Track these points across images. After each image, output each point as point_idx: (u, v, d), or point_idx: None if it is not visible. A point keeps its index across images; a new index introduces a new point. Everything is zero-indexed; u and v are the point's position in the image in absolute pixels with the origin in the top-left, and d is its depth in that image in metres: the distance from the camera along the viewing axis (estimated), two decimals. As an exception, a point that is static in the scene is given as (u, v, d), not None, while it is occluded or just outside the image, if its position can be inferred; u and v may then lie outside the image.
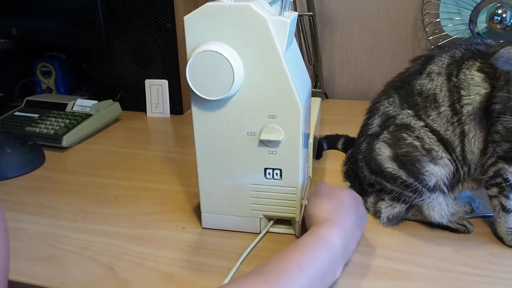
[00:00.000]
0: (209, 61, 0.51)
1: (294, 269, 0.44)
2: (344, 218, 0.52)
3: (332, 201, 0.55)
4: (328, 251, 0.47)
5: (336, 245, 0.48)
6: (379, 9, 1.15)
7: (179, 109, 1.11)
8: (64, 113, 0.99)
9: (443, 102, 0.60)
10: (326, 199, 0.55)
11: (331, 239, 0.48)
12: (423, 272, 0.55)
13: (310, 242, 0.48)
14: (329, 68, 1.24)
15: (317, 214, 0.53)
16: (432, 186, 0.60)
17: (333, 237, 0.49)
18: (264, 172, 0.58)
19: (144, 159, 0.87)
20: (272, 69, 0.52)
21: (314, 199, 0.56)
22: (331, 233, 0.49)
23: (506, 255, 0.57)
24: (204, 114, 0.56)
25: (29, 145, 0.86)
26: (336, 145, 0.89)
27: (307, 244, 0.48)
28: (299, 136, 0.55)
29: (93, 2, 0.95)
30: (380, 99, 0.68)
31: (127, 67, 1.10)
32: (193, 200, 0.71)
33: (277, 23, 0.51)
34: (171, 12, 1.02)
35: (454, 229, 0.62)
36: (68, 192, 0.75)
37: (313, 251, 0.47)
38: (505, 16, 0.93)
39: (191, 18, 0.52)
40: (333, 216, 0.52)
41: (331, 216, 0.52)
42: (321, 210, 0.53)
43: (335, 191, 0.57)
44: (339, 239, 0.49)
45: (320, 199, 0.55)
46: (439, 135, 0.60)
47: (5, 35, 1.15)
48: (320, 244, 0.48)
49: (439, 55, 0.62)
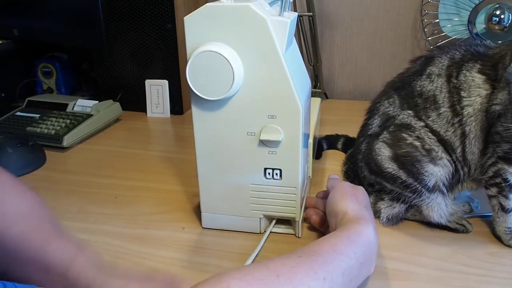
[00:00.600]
0: (209, 62, 0.51)
1: (329, 252, 0.43)
2: (372, 216, 0.53)
3: (358, 199, 0.55)
4: (364, 245, 0.47)
5: (372, 241, 0.48)
6: (379, 9, 1.16)
7: (179, 109, 1.11)
8: (65, 113, 0.99)
9: (443, 103, 0.60)
10: (353, 198, 0.55)
11: (368, 235, 0.48)
12: (422, 271, 0.55)
13: (345, 234, 0.48)
14: (329, 68, 1.24)
15: (348, 212, 0.52)
16: (431, 186, 0.60)
17: (368, 233, 0.48)
18: (264, 172, 0.58)
19: (144, 159, 0.87)
20: (272, 69, 0.52)
21: (340, 197, 0.55)
22: (366, 228, 0.49)
23: (504, 255, 0.58)
24: (204, 114, 0.56)
25: (30, 145, 0.86)
26: (336, 145, 0.89)
27: (343, 235, 0.47)
28: (299, 136, 0.55)
29: (93, 3, 0.96)
30: (380, 99, 0.68)
31: (127, 67, 1.10)
32: (193, 200, 0.71)
33: (277, 24, 0.51)
34: (171, 13, 1.02)
35: (453, 228, 0.62)
36: (69, 192, 0.75)
37: (350, 242, 0.46)
38: (503, 17, 0.93)
39: (191, 19, 0.52)
40: (365, 214, 0.52)
41: (363, 214, 0.51)
42: (352, 209, 0.52)
43: (358, 190, 0.57)
44: (374, 235, 0.49)
45: (348, 197, 0.55)
46: (439, 136, 0.60)
47: (6, 35, 1.15)
48: (356, 238, 0.47)
49: (439, 56, 0.63)
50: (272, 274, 0.38)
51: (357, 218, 0.50)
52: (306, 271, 0.40)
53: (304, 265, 0.41)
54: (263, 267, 0.40)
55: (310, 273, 0.40)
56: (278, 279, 0.38)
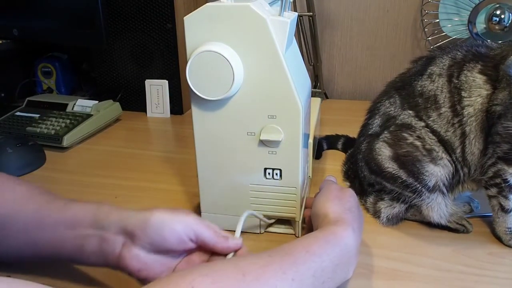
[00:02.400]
0: (209, 61, 0.51)
1: (301, 252, 0.43)
2: (356, 220, 0.51)
3: (342, 201, 0.53)
4: (340, 247, 0.46)
5: (349, 244, 0.47)
6: (379, 9, 1.16)
7: (179, 109, 1.11)
8: (65, 113, 0.99)
9: (444, 103, 0.60)
10: (336, 200, 0.53)
11: (345, 237, 0.47)
12: (422, 271, 0.55)
13: (321, 235, 0.47)
14: (329, 68, 1.24)
15: (329, 215, 0.51)
16: (431, 186, 0.60)
17: (346, 235, 0.47)
18: (264, 172, 0.58)
19: (144, 159, 0.87)
20: (272, 69, 0.52)
21: (324, 199, 0.54)
22: (344, 231, 0.47)
23: (504, 255, 0.58)
24: (204, 114, 0.56)
25: (30, 145, 0.86)
26: (336, 145, 0.89)
27: (319, 236, 0.46)
28: (299, 136, 0.55)
29: (93, 2, 0.96)
30: (381, 99, 0.68)
31: (127, 67, 1.10)
32: (193, 200, 0.71)
33: (277, 24, 0.51)
34: (171, 12, 1.02)
35: (453, 229, 0.62)
36: (69, 192, 0.75)
37: (324, 243, 0.45)
38: (503, 17, 0.93)
39: (191, 19, 0.52)
40: (347, 217, 0.50)
41: (344, 217, 0.50)
42: (333, 211, 0.51)
43: (344, 192, 0.56)
44: (352, 239, 0.47)
45: (331, 200, 0.54)
46: (440, 136, 0.60)
47: (6, 35, 1.15)
48: (332, 239, 0.46)
49: (440, 56, 0.63)
50: (239, 272, 0.38)
51: (336, 220, 0.49)
52: (275, 271, 0.39)
53: (274, 265, 0.40)
54: (231, 265, 0.39)
55: (278, 273, 0.39)
56: (244, 278, 0.37)
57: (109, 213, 0.46)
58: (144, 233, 0.44)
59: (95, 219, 0.46)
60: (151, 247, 0.45)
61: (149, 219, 0.44)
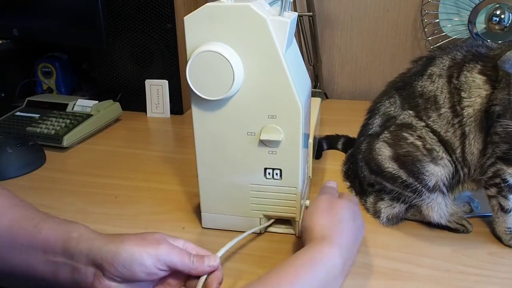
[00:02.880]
0: (209, 61, 0.51)
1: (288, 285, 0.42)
2: (343, 235, 0.49)
3: (331, 215, 0.51)
4: (326, 268, 0.45)
5: (335, 263, 0.46)
6: (379, 9, 1.16)
7: (179, 109, 1.11)
8: (65, 113, 0.99)
9: (444, 104, 0.60)
10: (325, 213, 0.52)
11: (330, 258, 0.46)
12: (422, 271, 0.55)
13: (306, 260, 0.45)
14: (329, 68, 1.24)
15: (315, 229, 0.50)
16: (431, 186, 0.60)
17: (332, 255, 0.46)
18: (264, 172, 0.58)
19: (144, 159, 0.87)
20: (272, 69, 0.52)
21: (312, 212, 0.53)
22: (330, 251, 0.46)
23: (504, 255, 0.58)
24: (204, 114, 0.56)
25: (30, 145, 0.86)
26: (336, 145, 0.89)
27: (304, 262, 0.45)
28: (299, 136, 0.55)
29: (93, 2, 0.96)
30: (381, 99, 0.68)
31: (127, 67, 1.10)
32: (193, 200, 0.71)
33: (277, 24, 0.51)
34: (171, 12, 1.02)
35: (453, 229, 0.62)
36: (69, 192, 0.75)
37: (311, 269, 0.44)
38: (503, 17, 0.93)
39: (191, 19, 0.52)
40: (332, 233, 0.49)
41: (329, 233, 0.49)
42: (319, 225, 0.50)
43: (334, 204, 0.53)
44: (338, 257, 0.46)
45: (319, 213, 0.52)
46: (440, 136, 0.60)
47: (6, 35, 1.15)
48: (318, 262, 0.45)
49: (440, 56, 0.63)
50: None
51: (322, 237, 0.48)
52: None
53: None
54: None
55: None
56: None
57: (79, 241, 0.45)
58: (113, 268, 0.43)
59: (66, 247, 0.45)
60: (122, 279, 0.44)
61: (118, 253, 0.43)
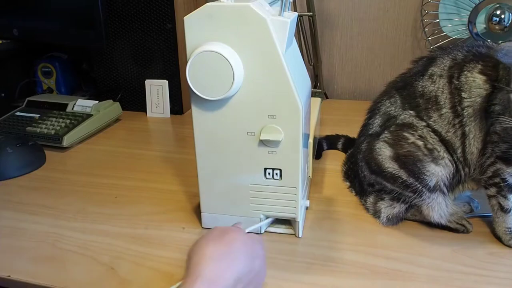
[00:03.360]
0: (209, 61, 0.51)
1: None
2: (223, 275, 0.42)
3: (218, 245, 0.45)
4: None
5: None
6: (379, 9, 1.16)
7: (179, 109, 1.11)
8: (65, 113, 1.00)
9: (445, 104, 0.60)
10: (211, 242, 0.45)
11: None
12: (422, 271, 0.55)
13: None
14: (329, 68, 1.24)
15: (192, 261, 0.43)
16: (432, 186, 0.60)
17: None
18: (264, 172, 0.58)
19: (144, 159, 0.87)
20: (272, 69, 0.52)
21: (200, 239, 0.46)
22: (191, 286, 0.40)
23: (504, 255, 0.58)
24: (204, 114, 0.56)
25: (30, 145, 0.86)
26: (336, 145, 0.89)
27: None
28: (299, 136, 0.55)
29: (93, 2, 0.96)
30: (381, 99, 0.68)
31: (127, 67, 1.10)
32: (193, 200, 0.71)
33: (277, 24, 0.51)
34: (171, 12, 1.02)
35: (454, 228, 0.62)
36: (69, 192, 0.75)
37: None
38: (503, 17, 0.93)
39: (191, 19, 0.52)
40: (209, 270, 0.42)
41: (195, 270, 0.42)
42: (200, 255, 0.43)
43: (228, 234, 0.46)
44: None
45: (198, 243, 0.45)
46: (441, 136, 0.60)
47: (6, 35, 1.15)
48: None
49: (441, 57, 0.63)
50: None
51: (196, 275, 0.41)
52: None
53: None
54: None
55: None
56: None
57: None
58: None
59: None
60: None
61: None
